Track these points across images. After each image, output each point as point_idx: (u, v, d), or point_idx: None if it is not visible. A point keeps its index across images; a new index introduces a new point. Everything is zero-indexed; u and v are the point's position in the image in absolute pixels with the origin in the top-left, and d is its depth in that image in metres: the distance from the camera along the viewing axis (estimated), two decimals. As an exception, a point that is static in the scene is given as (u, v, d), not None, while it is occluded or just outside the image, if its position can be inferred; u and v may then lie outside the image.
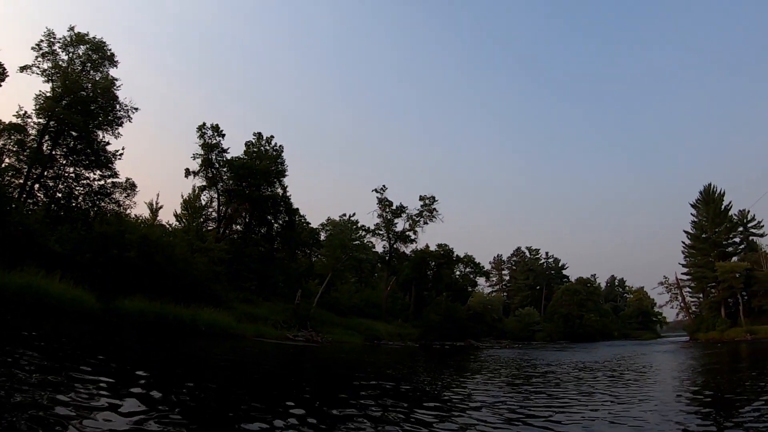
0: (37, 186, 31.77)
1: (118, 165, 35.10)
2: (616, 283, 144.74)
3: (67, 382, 8.20)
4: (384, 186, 69.32)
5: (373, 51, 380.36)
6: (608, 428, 8.39)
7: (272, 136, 52.66)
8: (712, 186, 76.94)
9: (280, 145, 52.65)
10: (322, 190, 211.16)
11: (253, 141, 52.13)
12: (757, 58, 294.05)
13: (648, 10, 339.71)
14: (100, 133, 34.39)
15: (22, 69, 32.29)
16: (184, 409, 7.86)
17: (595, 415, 9.85)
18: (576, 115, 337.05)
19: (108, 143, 34.71)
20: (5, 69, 30.19)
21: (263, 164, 50.06)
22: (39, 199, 31.96)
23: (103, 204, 33.98)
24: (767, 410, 9.85)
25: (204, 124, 46.92)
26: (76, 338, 16.29)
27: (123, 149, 35.15)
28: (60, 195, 32.79)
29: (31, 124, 31.88)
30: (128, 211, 35.72)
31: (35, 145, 31.37)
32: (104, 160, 34.02)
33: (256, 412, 8.49)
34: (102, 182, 34.16)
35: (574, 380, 17.82)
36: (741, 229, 75.71)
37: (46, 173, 32.14)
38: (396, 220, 70.05)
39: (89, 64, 34.35)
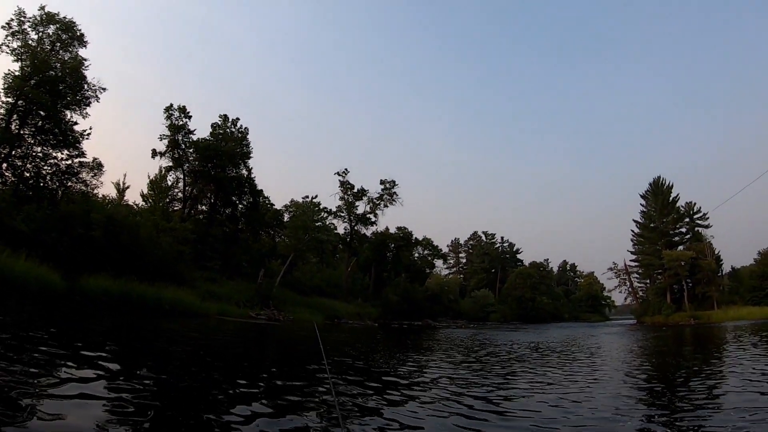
0: (5, 166, 31.24)
1: (86, 145, 34.74)
2: (568, 268, 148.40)
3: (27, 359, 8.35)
4: (346, 169, 70.04)
5: (337, 38, 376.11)
6: (557, 405, 8.82)
7: (238, 119, 52.50)
8: (661, 178, 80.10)
9: (246, 128, 52.60)
10: (286, 173, 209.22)
11: (219, 123, 51.77)
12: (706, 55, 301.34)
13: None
14: (68, 112, 34.00)
15: (-8, 48, 31.61)
16: (143, 385, 8.01)
17: (545, 392, 10.30)
18: (537, 102, 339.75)
19: (76, 123, 34.36)
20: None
21: (229, 146, 49.87)
22: (7, 178, 31.39)
23: (70, 184, 33.69)
24: (704, 387, 10.61)
25: (171, 105, 46.50)
26: (40, 316, 16.33)
27: (90, 129, 34.84)
28: (28, 175, 32.33)
29: (1, 103, 31.40)
30: (95, 191, 35.49)
31: (3, 125, 30.98)
32: (72, 140, 33.66)
33: (215, 388, 8.74)
34: (69, 162, 33.89)
35: (526, 359, 18.59)
36: (687, 220, 78.47)
37: (14, 153, 31.65)
38: (357, 203, 70.90)
39: (59, 44, 33.84)
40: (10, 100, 31.48)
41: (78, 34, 34.31)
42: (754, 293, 65.31)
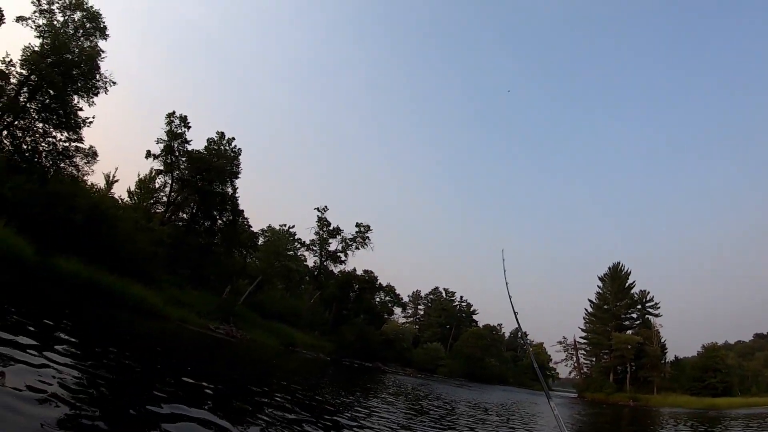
0: (5, 133, 30.46)
1: (86, 132, 34.11)
2: (519, 335, 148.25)
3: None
4: (326, 207, 70.46)
5: (339, 73, 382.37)
6: None
7: (233, 138, 52.28)
8: (620, 264, 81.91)
9: (239, 148, 52.34)
10: (268, 198, 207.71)
11: (215, 139, 51.52)
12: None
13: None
14: (75, 97, 33.50)
15: (18, 19, 31.44)
16: (95, 375, 7.74)
17: None
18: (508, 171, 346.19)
19: (81, 109, 33.87)
20: (3, 15, 29.21)
21: (220, 162, 49.49)
22: (4, 146, 30.60)
23: (63, 165, 32.84)
24: None
25: (173, 112, 46.33)
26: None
27: (93, 117, 34.35)
28: (25, 147, 31.46)
29: (14, 73, 30.92)
30: (86, 177, 34.69)
31: (12, 94, 30.42)
32: (73, 124, 33.07)
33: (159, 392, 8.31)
34: (67, 144, 33.18)
35: (467, 417, 18.24)
36: (639, 306, 79.77)
37: (16, 123, 30.98)
38: (331, 240, 70.86)
39: (81, 31, 33.75)
40: (24, 72, 31.04)
41: (101, 25, 34.32)
42: (693, 383, 66.02)
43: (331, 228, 70.58)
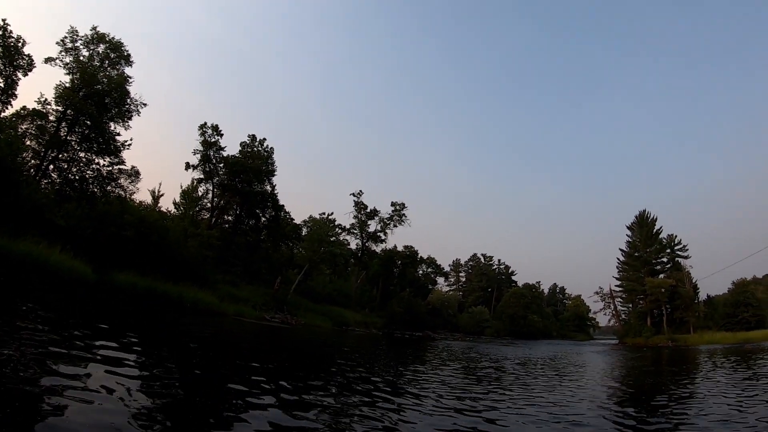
0: (51, 167, 31.22)
1: (127, 153, 34.56)
2: (558, 290, 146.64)
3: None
4: (361, 191, 70.03)
5: (360, 65, 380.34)
6: (548, 418, 8.35)
7: (264, 139, 52.31)
8: (646, 212, 79.28)
9: (271, 147, 52.31)
10: (307, 191, 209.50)
11: (248, 142, 51.63)
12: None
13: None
14: (112, 124, 33.95)
15: (47, 61, 31.87)
16: (169, 375, 8.00)
17: (536, 404, 9.83)
18: (537, 139, 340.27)
19: (118, 134, 34.33)
20: (33, 60, 29.63)
21: (255, 163, 49.59)
22: (53, 179, 31.49)
23: (109, 188, 33.34)
24: (681, 405, 10.08)
25: (205, 123, 46.45)
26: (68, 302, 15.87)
27: (131, 140, 34.76)
28: (71, 177, 32.21)
29: (51, 110, 31.49)
30: (133, 196, 35.35)
31: (53, 130, 31.03)
32: (113, 149, 33.55)
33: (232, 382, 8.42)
34: (110, 168, 33.70)
35: (519, 372, 17.99)
36: (669, 250, 77.12)
37: (60, 156, 31.65)
38: (369, 222, 70.56)
39: (107, 62, 34.02)
40: (60, 108, 31.54)
41: (125, 54, 34.45)
42: (727, 320, 64.40)
43: (368, 210, 70.31)
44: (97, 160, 33.33)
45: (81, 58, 32.79)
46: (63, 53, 32.30)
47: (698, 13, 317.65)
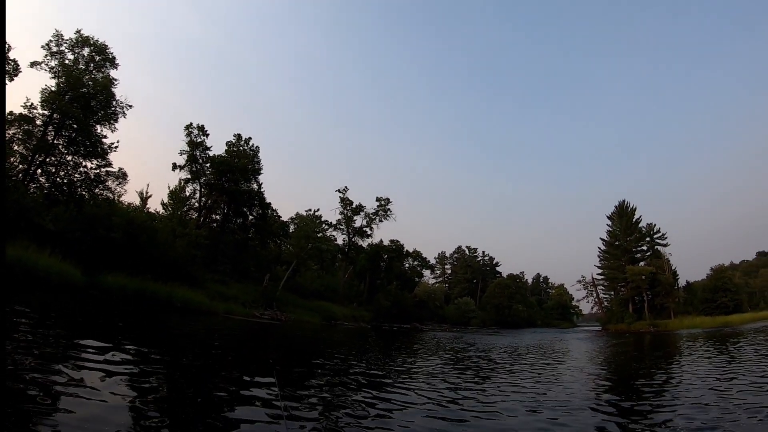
0: (39, 171, 30.80)
1: (114, 156, 34.17)
2: (541, 280, 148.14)
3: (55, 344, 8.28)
4: (346, 187, 69.89)
5: (340, 63, 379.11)
6: (535, 404, 8.56)
7: (250, 138, 51.91)
8: (625, 201, 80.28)
9: (257, 146, 51.95)
10: (292, 188, 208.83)
11: (233, 141, 51.23)
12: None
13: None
14: (98, 126, 33.48)
15: (32, 65, 31.38)
16: (162, 373, 8.13)
17: (524, 390, 10.12)
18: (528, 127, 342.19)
19: (105, 136, 33.89)
20: (18, 65, 29.18)
21: (241, 162, 49.30)
22: (41, 183, 31.15)
23: (97, 191, 32.93)
24: (665, 388, 10.43)
25: (191, 124, 46.05)
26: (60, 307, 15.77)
27: (118, 142, 34.29)
28: (59, 181, 31.88)
29: (37, 115, 31.06)
30: (121, 198, 35.00)
31: (40, 135, 30.65)
32: (100, 151, 33.14)
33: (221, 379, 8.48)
34: (98, 171, 33.28)
35: (506, 360, 18.22)
36: (648, 239, 78.36)
37: (48, 160, 31.25)
38: (355, 217, 70.44)
39: (92, 65, 33.54)
40: (46, 112, 31.12)
41: (110, 56, 33.99)
42: (706, 305, 66.15)
43: (353, 206, 70.18)
44: (84, 163, 32.91)
45: (66, 61, 32.34)
46: (48, 57, 31.83)
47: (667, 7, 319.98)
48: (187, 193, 49.46)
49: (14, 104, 31.30)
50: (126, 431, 4.81)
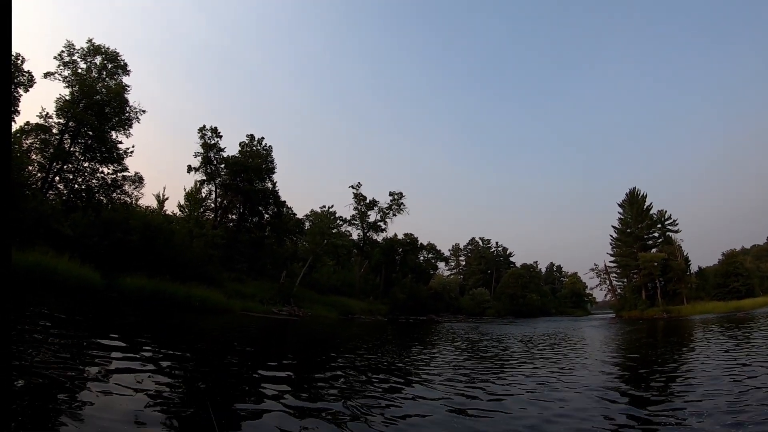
0: (57, 179, 31.13)
1: (130, 161, 34.37)
2: (555, 269, 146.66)
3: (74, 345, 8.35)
4: (359, 183, 69.82)
5: (352, 66, 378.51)
6: (551, 393, 8.42)
7: (263, 138, 52.15)
8: (636, 189, 79.13)
9: (270, 146, 52.18)
10: (307, 186, 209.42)
11: (247, 141, 51.45)
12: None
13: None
14: (113, 132, 33.79)
15: (46, 75, 31.72)
16: (184, 368, 8.31)
17: (541, 378, 9.95)
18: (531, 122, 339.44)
19: (120, 142, 34.20)
20: (33, 76, 29.41)
21: (255, 162, 49.45)
22: (60, 190, 31.46)
23: (114, 195, 33.28)
24: (678, 373, 10.33)
25: (204, 126, 46.32)
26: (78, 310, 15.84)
27: (133, 147, 34.73)
28: (77, 187, 32.28)
29: (53, 123, 31.37)
30: (138, 202, 35.33)
31: (56, 143, 30.98)
32: (116, 157, 33.46)
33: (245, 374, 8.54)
34: (114, 176, 33.63)
35: (521, 349, 18.07)
36: (659, 225, 77.27)
37: (65, 167, 31.57)
38: (369, 213, 70.41)
39: (104, 72, 33.80)
40: (61, 121, 31.43)
41: (122, 63, 34.21)
42: (718, 290, 65.74)
43: (367, 201, 70.15)
44: (101, 169, 33.29)
45: (79, 70, 32.60)
46: (61, 67, 32.11)
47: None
48: (203, 195, 49.67)
49: (30, 114, 31.72)
50: (145, 421, 4.91)
